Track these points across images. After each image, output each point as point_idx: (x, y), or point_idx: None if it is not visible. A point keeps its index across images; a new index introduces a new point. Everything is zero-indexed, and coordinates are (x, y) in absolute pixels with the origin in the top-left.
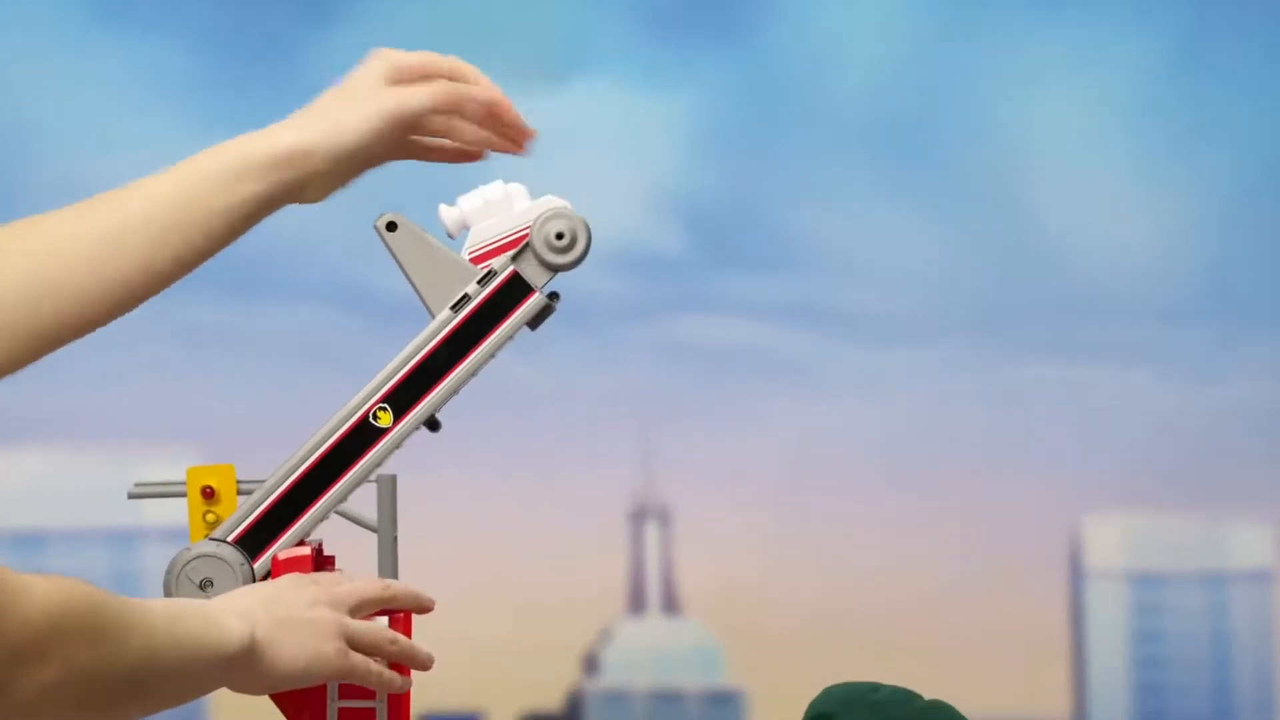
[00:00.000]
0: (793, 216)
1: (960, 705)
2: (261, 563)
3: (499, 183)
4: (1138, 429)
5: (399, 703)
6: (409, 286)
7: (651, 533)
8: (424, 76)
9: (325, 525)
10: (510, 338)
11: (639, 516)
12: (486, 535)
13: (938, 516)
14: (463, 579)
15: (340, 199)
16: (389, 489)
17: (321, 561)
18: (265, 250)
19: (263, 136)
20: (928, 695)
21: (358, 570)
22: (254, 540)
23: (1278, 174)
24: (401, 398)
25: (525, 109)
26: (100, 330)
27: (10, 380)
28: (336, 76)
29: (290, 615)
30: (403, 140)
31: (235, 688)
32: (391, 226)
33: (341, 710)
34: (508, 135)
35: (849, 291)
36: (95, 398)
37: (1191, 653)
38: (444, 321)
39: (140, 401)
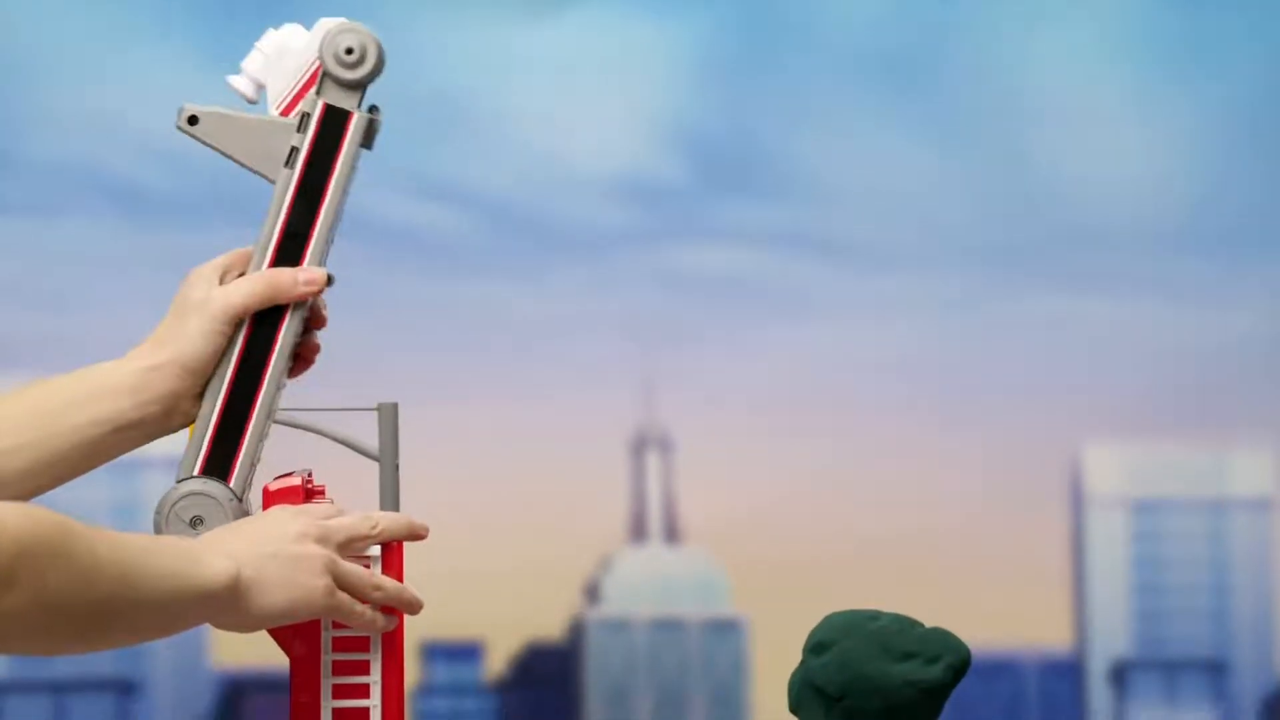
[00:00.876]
0: (793, 145)
1: (961, 632)
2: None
3: (270, 31)
4: (1139, 358)
5: (392, 635)
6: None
7: (652, 461)
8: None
9: (329, 454)
10: (354, 167)
11: (640, 445)
12: (488, 464)
13: (939, 445)
14: (464, 508)
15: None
16: (390, 417)
17: (311, 492)
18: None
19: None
20: (928, 623)
21: (358, 501)
22: (219, 464)
23: (1279, 104)
24: (284, 265)
25: (525, 39)
26: (101, 258)
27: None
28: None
29: (278, 551)
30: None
31: (219, 625)
32: (193, 120)
33: (335, 639)
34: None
35: (849, 220)
36: (94, 322)
37: (1191, 579)
38: (286, 180)
39: (140, 331)
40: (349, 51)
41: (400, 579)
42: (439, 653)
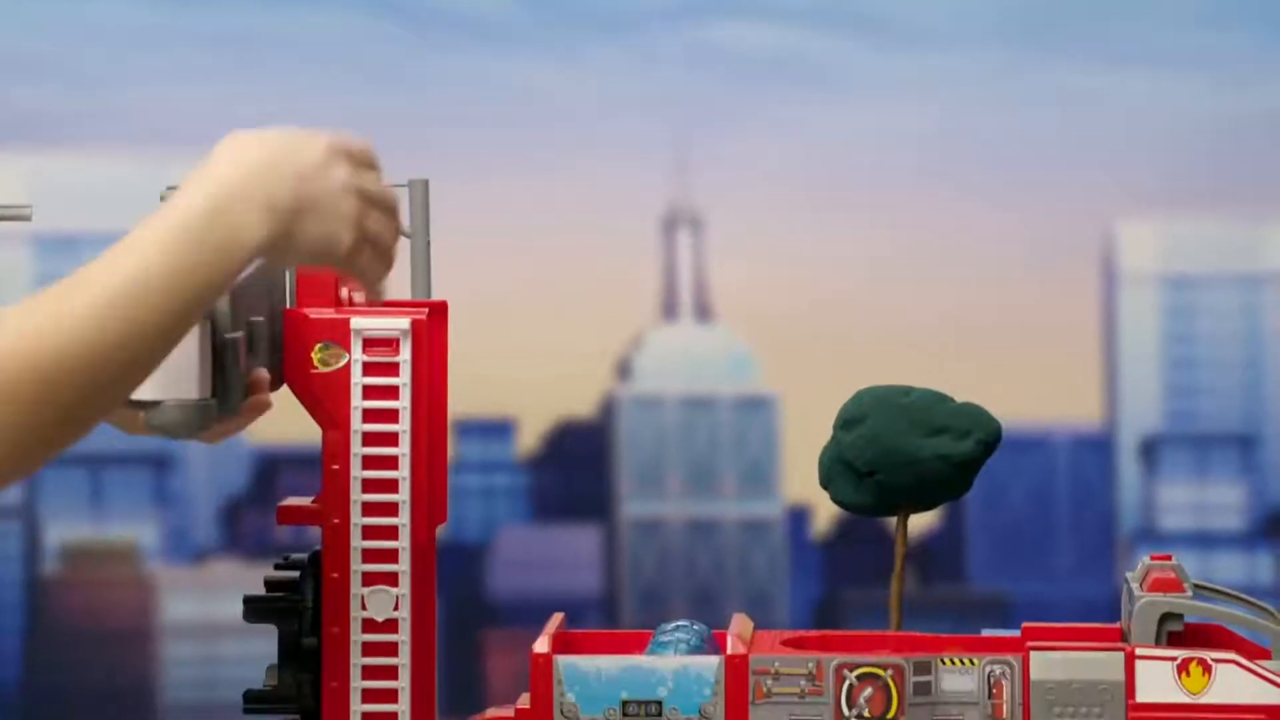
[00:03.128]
0: None
1: (991, 408)
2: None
3: None
4: (1173, 132)
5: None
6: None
7: (684, 238)
8: None
9: None
10: None
11: (672, 223)
12: (519, 242)
13: (971, 221)
14: (495, 285)
15: None
16: (421, 193)
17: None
18: None
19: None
20: (959, 398)
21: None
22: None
23: None
24: None
25: None
26: (133, 32)
27: (41, 81)
28: None
29: (321, 194)
30: None
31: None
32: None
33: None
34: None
35: None
36: (126, 100)
37: (1223, 355)
38: None
39: (172, 105)
40: None
41: (444, 357)
42: (471, 430)
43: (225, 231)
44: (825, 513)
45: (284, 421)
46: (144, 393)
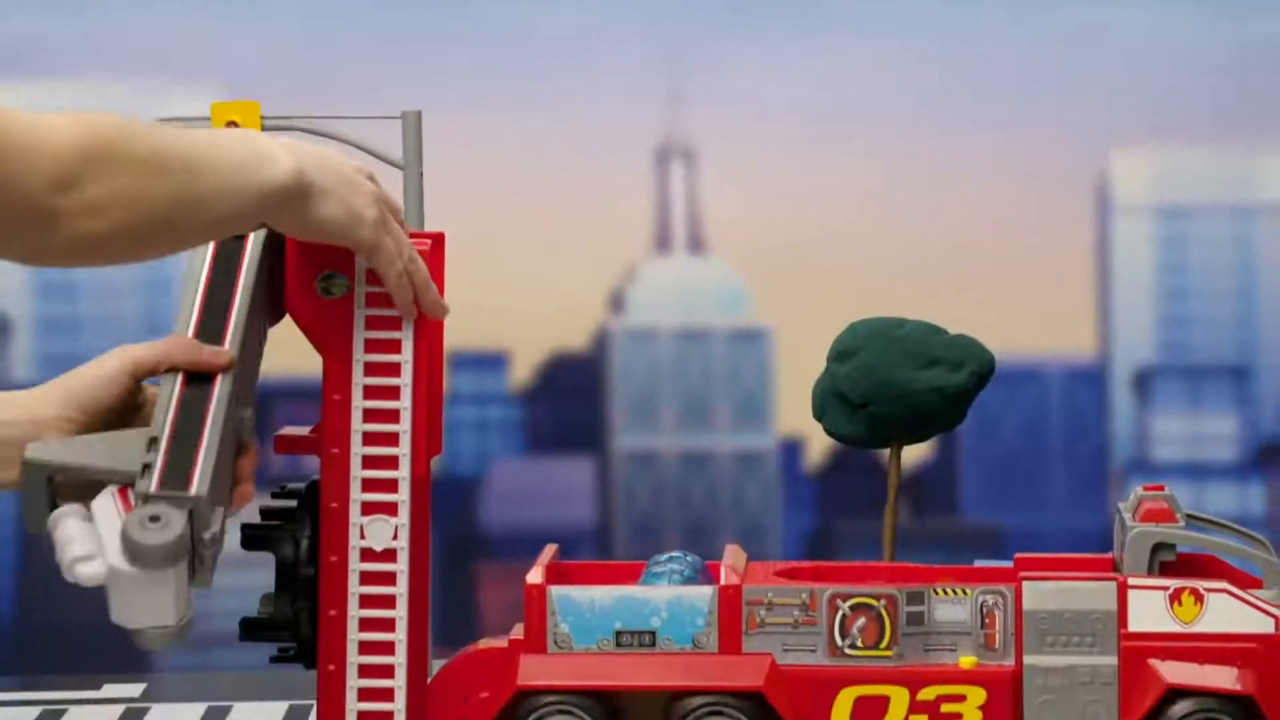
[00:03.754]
0: None
1: (985, 340)
2: None
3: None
4: (1168, 62)
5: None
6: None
7: (678, 171)
8: None
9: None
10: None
11: (665, 154)
12: (511, 175)
13: (965, 152)
14: (487, 218)
15: None
16: (414, 125)
17: None
18: None
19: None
20: (953, 330)
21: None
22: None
23: None
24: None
25: None
26: None
27: (36, 10)
28: None
29: (337, 170)
30: None
31: (277, 224)
32: None
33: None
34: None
35: None
36: (121, 28)
37: (1217, 285)
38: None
39: (167, 35)
40: None
41: (442, 288)
42: (464, 363)
43: (255, 148)
44: (819, 445)
45: (274, 354)
46: (125, 620)
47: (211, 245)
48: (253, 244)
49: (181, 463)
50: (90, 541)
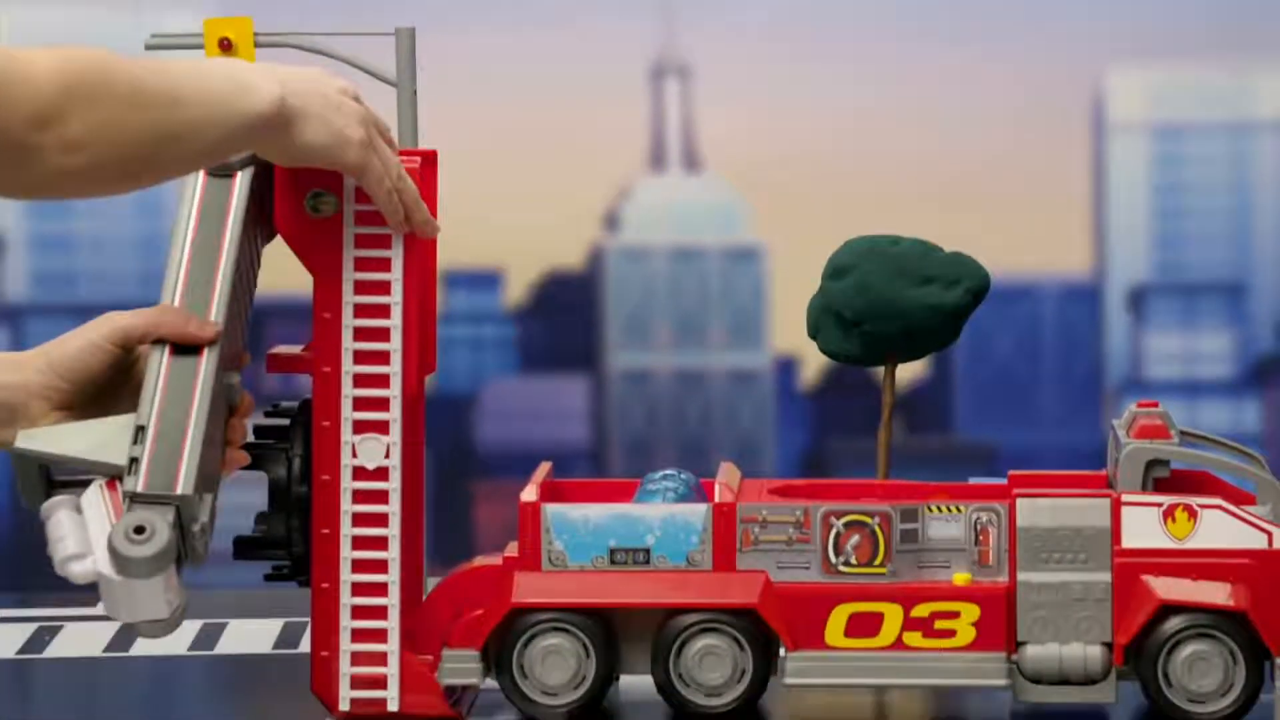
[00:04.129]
0: None
1: (980, 258)
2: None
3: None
4: None
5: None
6: None
7: (672, 88)
8: None
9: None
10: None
11: (659, 71)
12: (505, 92)
13: (960, 71)
14: (481, 136)
15: None
16: (407, 42)
17: None
18: None
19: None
20: (948, 248)
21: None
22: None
23: None
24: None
25: None
26: None
27: None
28: None
29: (322, 93)
30: None
31: (262, 152)
32: None
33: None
34: None
35: None
36: None
37: (1212, 203)
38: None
39: None
40: None
41: (434, 205)
42: (458, 281)
43: (236, 79)
44: (813, 363)
45: (266, 272)
46: (118, 616)
47: (198, 197)
48: (239, 190)
49: (168, 457)
50: (80, 540)
